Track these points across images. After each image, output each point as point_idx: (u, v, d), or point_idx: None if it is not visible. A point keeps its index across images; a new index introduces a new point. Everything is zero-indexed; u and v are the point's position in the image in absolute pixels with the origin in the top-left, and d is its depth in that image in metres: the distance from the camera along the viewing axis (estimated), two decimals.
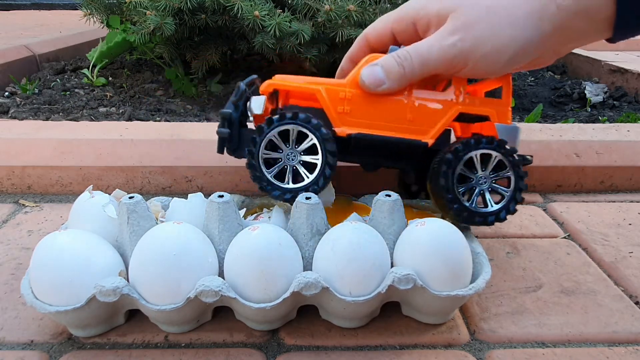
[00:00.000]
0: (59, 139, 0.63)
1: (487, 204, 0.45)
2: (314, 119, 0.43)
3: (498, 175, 0.45)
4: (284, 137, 0.44)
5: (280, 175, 0.45)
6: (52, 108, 0.86)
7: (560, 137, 0.67)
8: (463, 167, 0.44)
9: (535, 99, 1.04)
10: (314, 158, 0.44)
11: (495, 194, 0.45)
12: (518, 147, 0.45)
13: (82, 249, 0.38)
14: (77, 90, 0.97)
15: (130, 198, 0.41)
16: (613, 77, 1.11)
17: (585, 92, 1.02)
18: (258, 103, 0.45)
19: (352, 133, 0.44)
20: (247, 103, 0.46)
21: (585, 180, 0.65)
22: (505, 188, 0.45)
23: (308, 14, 0.83)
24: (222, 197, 0.41)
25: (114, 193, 0.47)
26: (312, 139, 0.43)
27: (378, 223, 0.42)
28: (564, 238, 0.55)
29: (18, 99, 0.92)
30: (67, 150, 0.62)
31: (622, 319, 0.42)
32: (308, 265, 0.41)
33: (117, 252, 0.40)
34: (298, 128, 0.43)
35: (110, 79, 1.04)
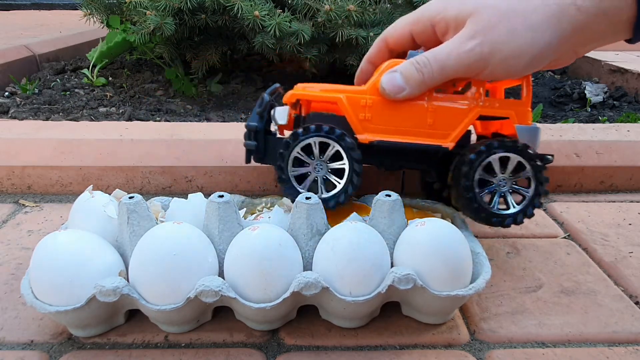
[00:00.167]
0: (59, 139, 0.63)
1: (507, 206, 0.45)
2: (337, 129, 0.44)
3: (518, 178, 0.45)
4: (309, 150, 0.45)
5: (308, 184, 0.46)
6: (52, 108, 0.86)
7: (560, 137, 0.67)
8: (483, 170, 0.44)
9: (535, 99, 1.04)
10: (341, 164, 0.45)
11: (516, 195, 0.46)
12: (537, 147, 0.45)
13: (82, 249, 0.38)
14: (77, 90, 0.97)
15: (130, 198, 0.41)
16: (613, 77, 1.11)
17: (585, 92, 1.02)
18: (282, 114, 0.46)
19: (374, 140, 0.45)
20: (271, 111, 0.47)
21: (585, 180, 0.65)
22: (526, 190, 0.45)
23: (308, 14, 0.83)
24: (222, 197, 0.41)
25: (114, 193, 0.47)
26: (334, 147, 0.44)
27: (378, 223, 0.42)
28: (564, 238, 0.55)
29: (18, 99, 0.92)
30: (67, 150, 0.62)
31: (622, 319, 0.42)
32: (308, 265, 0.41)
33: (117, 252, 0.40)
34: (321, 140, 0.44)
35: (110, 79, 1.04)
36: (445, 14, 0.42)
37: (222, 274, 0.40)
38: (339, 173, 0.45)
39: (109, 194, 0.46)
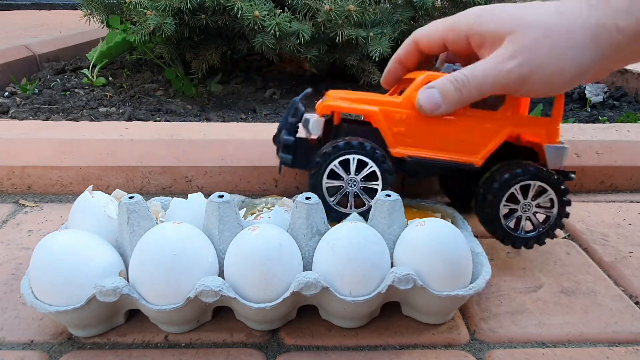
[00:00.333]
0: (59, 139, 0.63)
1: (529, 229, 0.46)
2: (379, 150, 0.44)
3: (543, 202, 0.46)
4: (346, 163, 0.44)
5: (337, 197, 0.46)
6: (52, 108, 0.86)
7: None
8: (507, 201, 0.45)
9: (536, 99, 1.04)
10: (375, 184, 0.45)
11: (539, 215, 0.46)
12: (564, 164, 0.46)
13: (82, 249, 0.38)
14: (77, 90, 0.97)
15: (130, 198, 0.41)
16: (613, 77, 1.11)
17: (585, 92, 1.02)
18: (316, 125, 0.46)
19: (406, 155, 0.45)
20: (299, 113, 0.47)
21: (585, 180, 0.65)
22: (548, 215, 0.46)
23: (308, 14, 0.83)
24: (222, 197, 0.41)
25: (114, 193, 0.47)
26: (372, 167, 0.44)
27: (378, 223, 0.42)
28: (564, 238, 0.55)
29: (18, 99, 0.91)
30: (67, 150, 0.62)
31: (622, 319, 0.42)
32: (308, 265, 0.41)
33: (117, 252, 0.40)
34: (357, 157, 0.44)
35: (110, 79, 1.04)
36: (482, 28, 0.42)
37: (222, 274, 0.40)
38: (371, 191, 0.45)
39: (109, 194, 0.46)
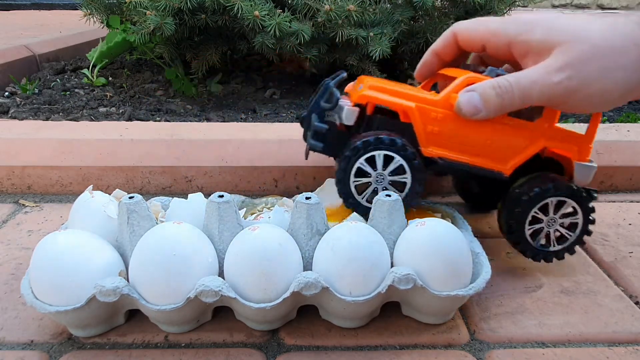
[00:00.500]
0: (59, 139, 0.63)
1: (551, 243, 0.46)
2: (409, 148, 0.43)
3: (567, 218, 0.45)
4: (372, 160, 0.44)
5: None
6: (52, 108, 0.86)
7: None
8: (532, 221, 0.45)
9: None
10: (403, 177, 0.44)
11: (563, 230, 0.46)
12: (589, 182, 0.46)
13: (82, 249, 0.38)
14: (77, 90, 0.97)
15: (130, 198, 0.41)
16: None
17: None
18: (350, 115, 0.44)
19: (437, 156, 0.44)
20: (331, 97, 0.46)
21: None
22: (571, 232, 0.46)
23: (308, 14, 0.83)
24: (222, 197, 0.41)
25: (114, 193, 0.47)
26: (399, 161, 0.43)
27: (378, 223, 0.42)
28: None
29: (18, 99, 0.91)
30: (67, 150, 0.62)
31: (622, 319, 0.42)
32: (308, 265, 0.41)
33: (117, 252, 0.40)
34: (384, 153, 0.43)
35: (110, 79, 1.03)
36: (529, 37, 0.41)
37: (222, 274, 0.40)
38: (399, 185, 0.44)
39: (109, 194, 0.46)
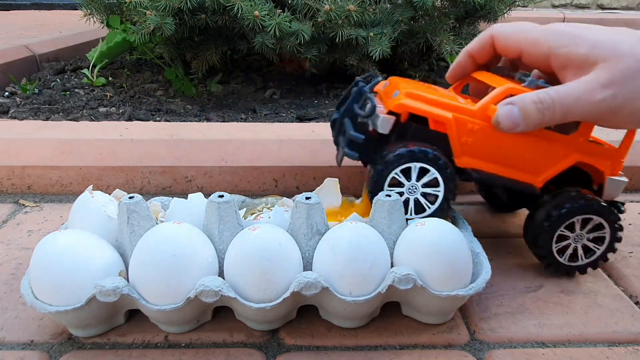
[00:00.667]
0: (59, 139, 0.63)
1: (576, 258, 0.46)
2: (442, 159, 0.42)
3: (596, 234, 0.45)
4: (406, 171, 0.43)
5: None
6: (52, 108, 0.86)
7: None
8: (558, 239, 0.45)
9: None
10: (436, 190, 0.44)
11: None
12: (617, 196, 0.46)
13: (82, 249, 0.38)
14: (77, 90, 0.97)
15: (130, 198, 0.41)
16: None
17: None
18: (386, 124, 0.43)
19: (470, 167, 0.44)
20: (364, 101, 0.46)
21: None
22: (600, 245, 0.46)
23: (308, 14, 0.83)
24: (222, 197, 0.41)
25: (114, 193, 0.47)
26: (434, 174, 0.43)
27: (378, 223, 0.42)
28: None
29: (18, 99, 0.91)
30: (67, 150, 0.62)
31: (622, 319, 0.42)
32: (308, 265, 0.41)
33: (117, 252, 0.40)
34: (419, 165, 0.43)
35: (110, 79, 1.03)
36: (571, 49, 0.40)
37: (222, 274, 0.40)
38: (430, 196, 0.44)
39: (109, 194, 0.46)
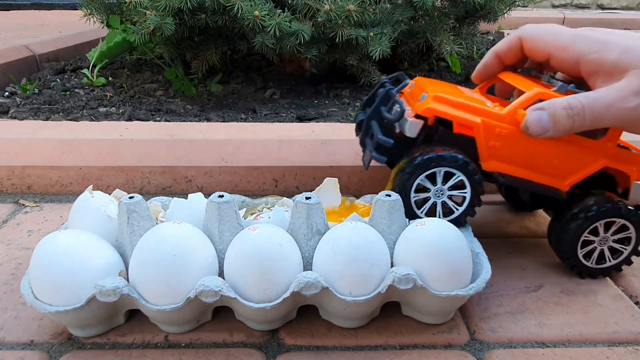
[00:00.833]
0: (59, 139, 0.63)
1: (600, 260, 0.46)
2: (470, 164, 0.42)
3: (621, 236, 0.46)
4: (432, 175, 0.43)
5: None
6: (52, 108, 0.86)
7: None
8: (584, 241, 0.45)
9: None
10: (462, 192, 0.44)
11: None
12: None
13: (82, 249, 0.38)
14: (77, 90, 0.97)
15: (130, 198, 0.41)
16: None
17: None
18: (414, 128, 0.44)
19: (497, 171, 0.44)
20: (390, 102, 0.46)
21: None
22: (625, 247, 0.46)
23: (308, 14, 0.83)
24: (222, 197, 0.41)
25: (114, 193, 0.47)
26: (459, 177, 0.43)
27: (378, 223, 0.42)
28: None
29: (18, 99, 0.91)
30: (67, 150, 0.62)
31: (622, 319, 0.42)
32: (308, 265, 0.41)
33: (117, 252, 0.40)
34: (444, 170, 0.43)
35: (110, 79, 1.03)
36: (601, 55, 0.40)
37: (222, 274, 0.40)
38: (458, 198, 0.44)
39: (109, 194, 0.46)
